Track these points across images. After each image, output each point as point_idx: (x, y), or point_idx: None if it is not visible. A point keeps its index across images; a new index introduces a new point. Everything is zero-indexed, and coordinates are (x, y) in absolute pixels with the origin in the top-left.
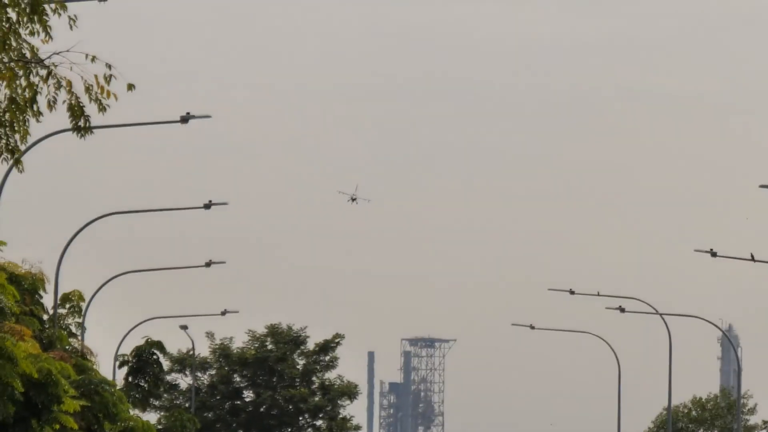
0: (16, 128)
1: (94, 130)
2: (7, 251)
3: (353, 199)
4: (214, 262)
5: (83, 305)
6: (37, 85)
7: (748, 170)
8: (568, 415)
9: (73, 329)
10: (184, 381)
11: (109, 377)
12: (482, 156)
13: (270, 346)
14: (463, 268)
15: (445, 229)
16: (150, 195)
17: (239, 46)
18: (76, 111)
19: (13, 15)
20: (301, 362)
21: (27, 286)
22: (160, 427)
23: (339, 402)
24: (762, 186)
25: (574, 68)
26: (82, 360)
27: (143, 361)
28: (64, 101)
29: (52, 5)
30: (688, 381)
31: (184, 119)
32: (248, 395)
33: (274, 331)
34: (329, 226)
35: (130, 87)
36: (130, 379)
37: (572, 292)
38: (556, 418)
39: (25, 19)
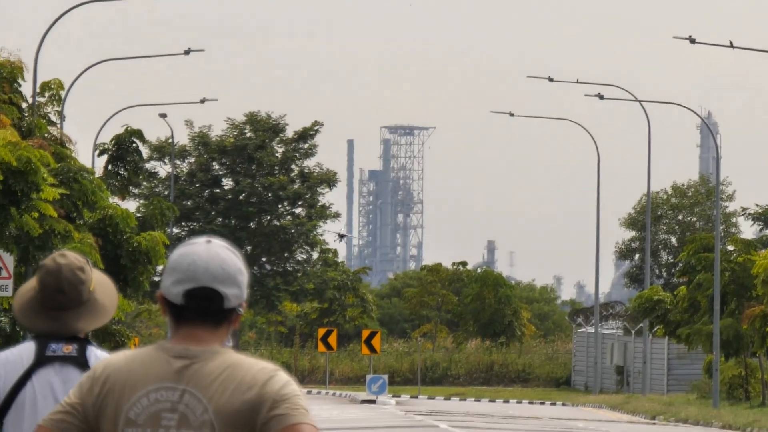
0: None
1: None
2: None
3: (341, 237)
4: (193, 50)
5: (62, 93)
6: None
7: None
8: (547, 202)
9: (53, 118)
10: (163, 169)
11: (89, 166)
12: None
13: (249, 134)
14: (442, 56)
15: (423, 18)
16: None
17: None
18: None
19: None
20: (280, 150)
21: (5, 74)
22: (138, 215)
23: (318, 189)
24: None
25: None
26: (61, 148)
27: (123, 150)
28: None
29: None
30: (667, 168)
31: None
32: (227, 183)
33: (253, 119)
34: (310, 13)
35: None
36: (109, 167)
37: (551, 80)
38: (535, 205)
39: None
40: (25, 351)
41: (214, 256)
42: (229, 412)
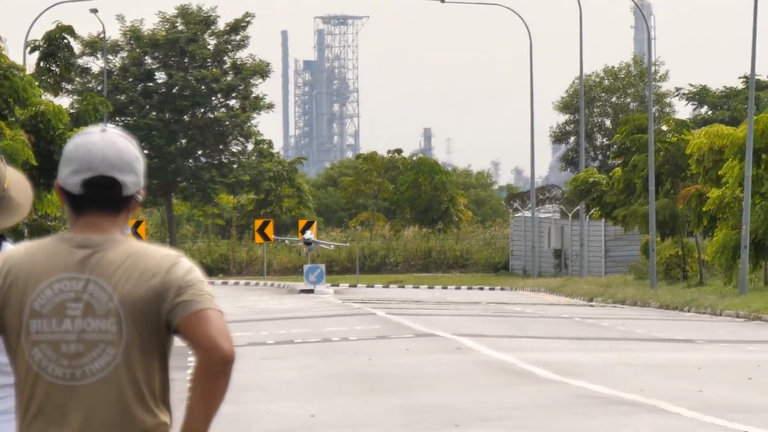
0: None
1: None
2: None
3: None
4: None
5: None
6: None
7: None
8: (483, 88)
9: None
10: (95, 65)
11: (20, 63)
12: None
13: (181, 27)
14: None
15: None
16: None
17: None
18: None
19: None
20: (212, 42)
21: None
22: (72, 111)
23: (251, 81)
24: None
25: None
26: None
27: (54, 46)
28: None
29: None
30: (602, 52)
31: None
32: (160, 77)
33: (184, 12)
34: None
35: None
36: (41, 64)
37: None
38: (471, 92)
39: None
40: None
41: (110, 144)
42: (134, 299)
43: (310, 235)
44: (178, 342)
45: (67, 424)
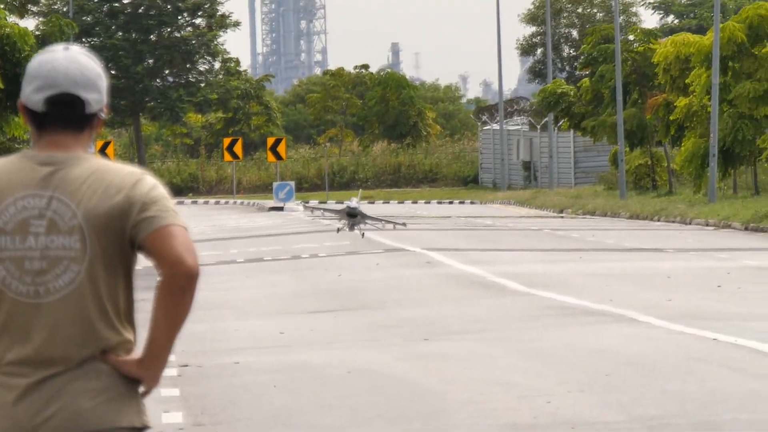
0: None
1: None
2: None
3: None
4: None
5: None
6: None
7: None
8: (448, 1)
9: None
10: None
11: None
12: None
13: None
14: None
15: None
16: None
17: None
18: None
19: None
20: None
21: None
22: (37, 33)
23: None
24: None
25: None
26: None
27: None
28: None
29: None
30: None
31: None
32: None
33: None
34: None
35: None
36: None
37: None
38: (438, 5)
39: None
40: None
41: (73, 61)
42: (98, 215)
43: (357, 204)
44: (146, 263)
45: (30, 342)
